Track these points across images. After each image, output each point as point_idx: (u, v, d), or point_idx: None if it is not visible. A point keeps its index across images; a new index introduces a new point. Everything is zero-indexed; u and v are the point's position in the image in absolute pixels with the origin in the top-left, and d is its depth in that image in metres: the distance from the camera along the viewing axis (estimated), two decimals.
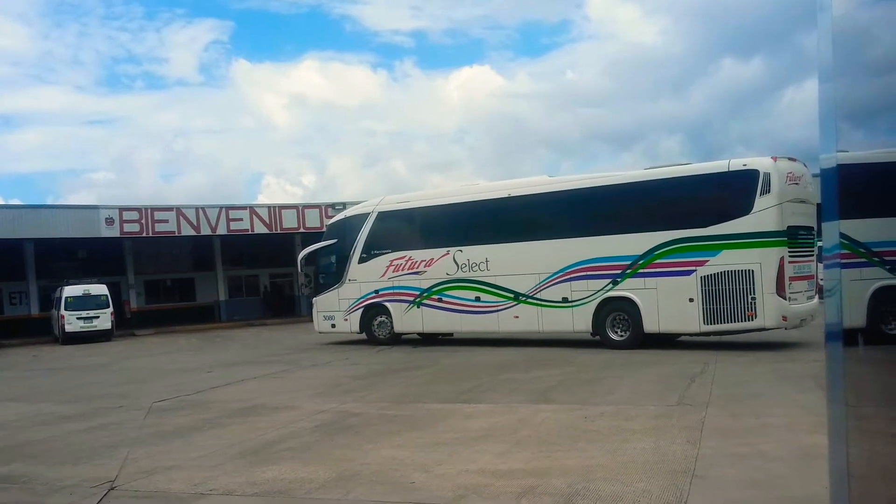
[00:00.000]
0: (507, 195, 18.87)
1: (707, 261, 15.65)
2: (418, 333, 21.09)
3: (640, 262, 16.51)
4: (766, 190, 14.91)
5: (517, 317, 18.47)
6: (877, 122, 2.23)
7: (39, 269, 35.01)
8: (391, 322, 20.90)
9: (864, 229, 2.41)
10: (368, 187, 78.92)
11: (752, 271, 15.09)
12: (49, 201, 52.85)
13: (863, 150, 2.38)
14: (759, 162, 15.27)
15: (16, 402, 14.34)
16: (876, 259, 2.62)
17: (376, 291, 21.02)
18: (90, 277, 32.25)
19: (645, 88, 76.66)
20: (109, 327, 30.58)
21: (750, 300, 15.18)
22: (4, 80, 69.18)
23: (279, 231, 35.94)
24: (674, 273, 16.06)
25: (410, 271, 20.33)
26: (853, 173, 2.26)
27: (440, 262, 19.74)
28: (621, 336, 16.90)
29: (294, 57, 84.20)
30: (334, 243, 22.24)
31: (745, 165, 15.45)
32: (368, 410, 11.05)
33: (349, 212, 23.11)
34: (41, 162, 79.97)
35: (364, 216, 21.55)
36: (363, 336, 21.51)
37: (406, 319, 20.63)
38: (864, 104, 2.19)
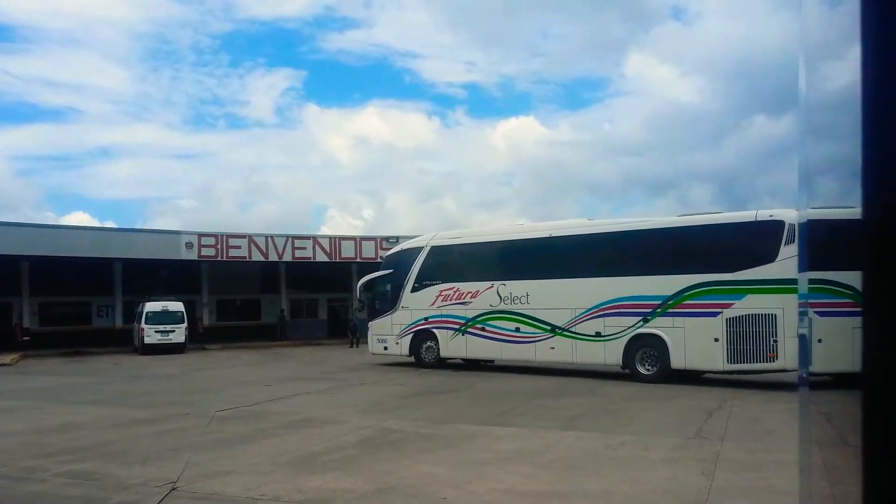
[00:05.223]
0: (548, 235, 18.97)
1: (733, 304, 15.47)
2: (462, 359, 21.14)
3: (670, 301, 16.40)
4: (791, 240, 14.72)
5: (553, 348, 18.44)
6: (836, 183, 2.32)
7: (125, 285, 36.05)
8: (438, 347, 21.02)
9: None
10: (422, 222, 79.68)
11: (775, 315, 14.86)
12: (139, 224, 54.48)
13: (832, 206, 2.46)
14: (785, 213, 15.11)
15: (97, 405, 14.77)
16: None
17: (426, 319, 21.19)
18: (169, 295, 33.00)
19: (680, 141, 76.57)
20: (183, 341, 31.26)
21: (772, 342, 14.94)
22: (105, 117, 72.08)
23: (338, 260, 36.44)
24: (701, 314, 15.90)
25: (458, 301, 20.48)
26: (822, 228, 2.33)
27: (485, 294, 19.85)
28: (649, 370, 16.74)
29: (359, 103, 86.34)
30: (390, 273, 22.50)
31: (771, 216, 15.30)
32: (408, 428, 11.14)
33: (405, 245, 23.38)
34: (133, 189, 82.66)
35: (418, 249, 21.81)
36: (412, 359, 21.63)
37: (452, 345, 20.74)
38: (828, 166, 2.28)
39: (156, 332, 30.66)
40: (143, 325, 30.70)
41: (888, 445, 0.97)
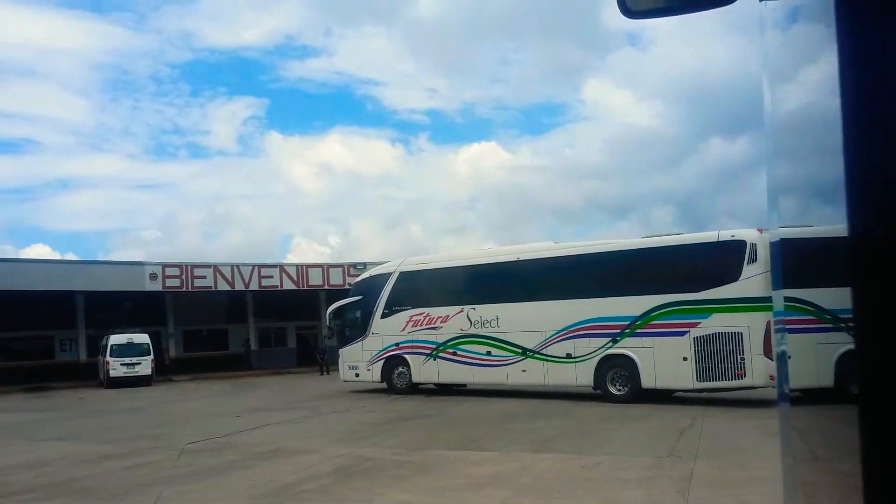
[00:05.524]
0: (516, 259, 19.06)
1: (699, 323, 15.63)
2: (434, 384, 21.02)
3: (638, 322, 16.52)
4: (753, 259, 14.94)
5: (525, 371, 18.45)
6: (806, 202, 2.35)
7: (88, 318, 35.35)
8: (410, 373, 20.90)
9: (829, 297, 2.48)
10: (388, 248, 79.62)
11: (741, 333, 15.04)
12: (100, 257, 53.56)
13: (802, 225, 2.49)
14: (746, 233, 15.34)
15: (63, 441, 14.41)
16: (842, 325, 2.67)
17: (397, 344, 21.08)
18: (134, 327, 32.45)
19: (639, 164, 77.95)
20: (150, 373, 30.72)
21: (739, 360, 15.11)
22: (64, 148, 71.11)
23: (306, 288, 36.21)
24: (669, 333, 16.04)
25: (428, 326, 20.42)
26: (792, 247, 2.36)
27: (455, 319, 19.82)
28: (620, 391, 16.81)
29: (321, 131, 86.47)
30: (360, 299, 22.37)
31: (733, 236, 15.54)
32: (382, 456, 11.03)
33: (374, 271, 23.28)
34: (94, 221, 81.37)
35: (387, 275, 21.75)
36: (384, 385, 21.46)
37: (423, 370, 20.64)
38: (797, 185, 2.31)
39: (121, 364, 30.13)
40: (108, 357, 30.13)
41: (885, 461, 0.98)
